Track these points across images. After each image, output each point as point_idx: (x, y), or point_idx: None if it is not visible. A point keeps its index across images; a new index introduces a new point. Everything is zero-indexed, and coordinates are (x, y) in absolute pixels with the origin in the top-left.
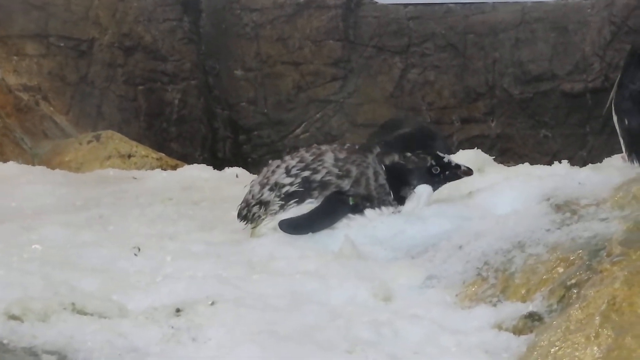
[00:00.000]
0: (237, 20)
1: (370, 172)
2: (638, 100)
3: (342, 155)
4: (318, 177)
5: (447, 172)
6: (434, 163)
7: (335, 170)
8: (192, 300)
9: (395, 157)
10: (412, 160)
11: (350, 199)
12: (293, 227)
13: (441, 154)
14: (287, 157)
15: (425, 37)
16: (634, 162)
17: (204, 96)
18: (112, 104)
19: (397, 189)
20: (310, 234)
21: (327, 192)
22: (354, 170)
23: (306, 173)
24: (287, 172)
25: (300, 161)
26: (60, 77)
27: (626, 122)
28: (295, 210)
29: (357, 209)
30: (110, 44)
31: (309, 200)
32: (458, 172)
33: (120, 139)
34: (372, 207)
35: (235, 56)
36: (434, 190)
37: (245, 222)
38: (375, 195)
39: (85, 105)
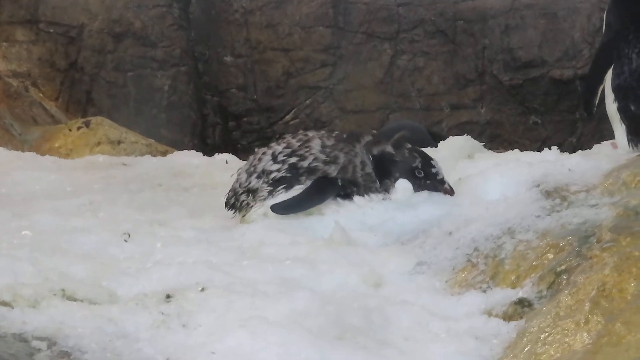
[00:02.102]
0: (226, 6)
1: (357, 161)
2: (639, 84)
3: (329, 142)
4: (305, 163)
5: (429, 182)
6: (419, 166)
7: (323, 157)
8: (182, 287)
9: (387, 147)
10: (402, 153)
11: (339, 180)
12: (284, 208)
13: (434, 163)
14: (273, 144)
15: (414, 23)
16: (634, 146)
17: (193, 82)
18: (101, 90)
19: (382, 178)
20: (300, 220)
21: (314, 177)
22: (342, 157)
23: (293, 159)
24: (274, 158)
25: (287, 147)
26: (50, 64)
27: (632, 108)
28: (284, 196)
29: (346, 193)
30: (100, 30)
31: (297, 186)
32: (439, 187)
33: (109, 125)
34: (359, 193)
35: (225, 42)
36: (414, 191)
37: (233, 211)
38: (362, 183)
39: (74, 91)
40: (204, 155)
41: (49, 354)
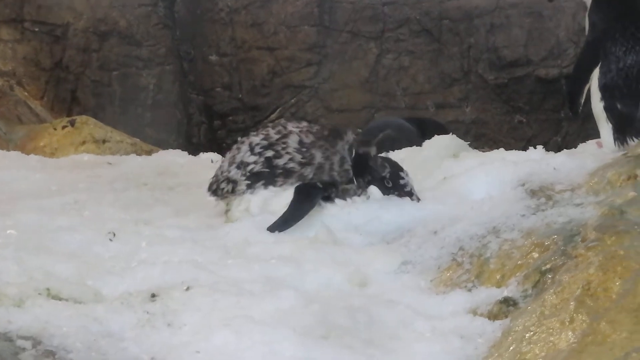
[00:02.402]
0: (212, 5)
1: (335, 159)
2: (627, 83)
3: (308, 140)
4: (281, 162)
5: (396, 192)
6: (388, 176)
7: (299, 157)
8: (167, 286)
9: (364, 150)
10: (375, 160)
11: (318, 183)
12: (281, 225)
13: (403, 175)
14: (252, 134)
15: (400, 22)
16: (620, 145)
17: (178, 81)
18: (86, 89)
19: (357, 177)
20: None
21: (290, 180)
22: (318, 157)
23: (269, 153)
24: (251, 150)
25: (264, 139)
26: (35, 62)
27: (619, 107)
28: (263, 193)
29: (328, 195)
30: (85, 29)
31: (272, 187)
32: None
33: (95, 124)
34: (338, 195)
35: (210, 41)
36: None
37: (215, 198)
38: (339, 180)
39: (59, 90)
40: (189, 154)
41: (34, 353)
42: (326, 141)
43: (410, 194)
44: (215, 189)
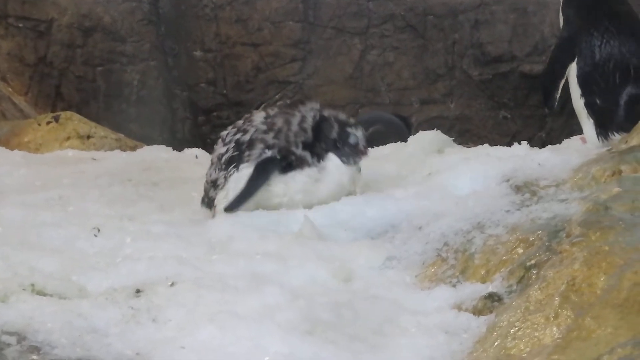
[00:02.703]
0: (196, 1)
1: (295, 119)
2: (611, 78)
3: (272, 112)
4: (247, 137)
5: (349, 150)
6: (337, 137)
7: (263, 127)
8: (151, 281)
9: (338, 115)
10: (327, 124)
11: (277, 155)
12: (234, 204)
13: (349, 130)
14: (223, 132)
15: (384, 18)
16: (603, 140)
17: (163, 77)
18: (71, 85)
19: (316, 142)
20: (270, 214)
21: (254, 151)
22: (279, 122)
23: (237, 136)
24: (223, 141)
25: (233, 127)
26: (19, 58)
27: (598, 102)
28: (236, 177)
29: (287, 164)
30: (69, 24)
31: (242, 165)
32: (357, 154)
33: (79, 119)
34: (296, 163)
35: (195, 37)
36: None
37: (209, 209)
38: (295, 140)
39: (44, 86)
40: (173, 149)
41: (19, 349)
42: (289, 108)
43: (363, 153)
44: (207, 201)
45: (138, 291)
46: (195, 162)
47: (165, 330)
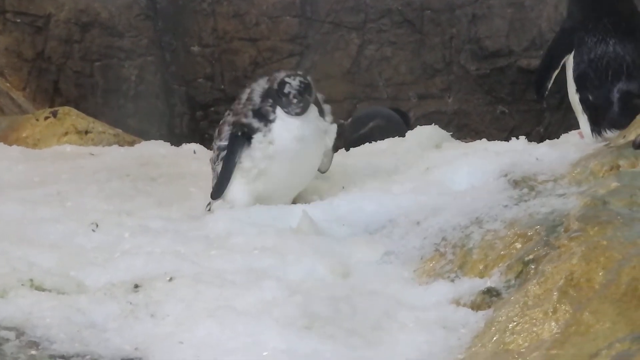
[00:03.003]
0: None
1: (244, 94)
2: (604, 74)
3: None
4: (228, 119)
5: (283, 99)
6: (276, 88)
7: (228, 112)
8: (150, 276)
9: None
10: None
11: (235, 129)
12: (216, 191)
13: (289, 80)
14: None
15: (382, 13)
16: (597, 136)
17: (160, 72)
18: (69, 80)
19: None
20: (268, 210)
21: (223, 135)
22: (241, 96)
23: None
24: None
25: (228, 113)
26: (17, 53)
27: (590, 98)
28: (219, 165)
29: (245, 135)
30: (67, 20)
31: (219, 143)
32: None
33: (77, 115)
34: (249, 131)
35: (192, 32)
36: (292, 114)
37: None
38: (242, 111)
39: (42, 81)
40: (171, 145)
41: (17, 344)
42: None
43: (296, 103)
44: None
45: (136, 286)
46: (193, 157)
47: (163, 326)
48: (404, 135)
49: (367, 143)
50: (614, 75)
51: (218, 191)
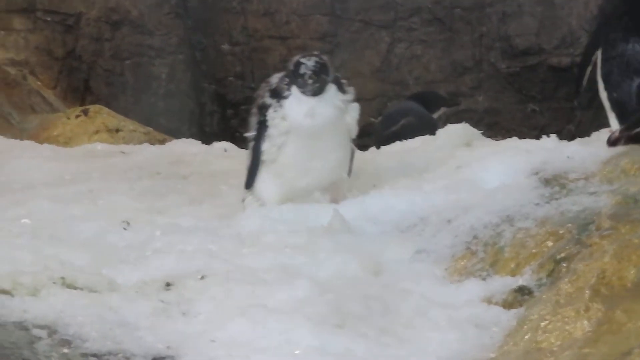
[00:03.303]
0: None
1: (266, 84)
2: (625, 72)
3: None
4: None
5: (299, 80)
6: (292, 68)
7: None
8: (181, 275)
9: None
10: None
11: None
12: (247, 182)
13: (305, 60)
14: None
15: (412, 11)
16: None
17: (191, 71)
18: (99, 79)
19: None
20: (299, 208)
21: (252, 119)
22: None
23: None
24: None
25: None
26: (48, 52)
27: (614, 95)
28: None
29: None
30: (98, 18)
31: (247, 135)
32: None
33: (108, 113)
34: (266, 106)
35: (222, 30)
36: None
37: None
38: (261, 95)
39: (72, 79)
40: (202, 143)
41: (50, 342)
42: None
43: (311, 84)
44: None
45: (168, 284)
46: (224, 155)
47: (195, 324)
48: (434, 133)
49: (398, 141)
50: (635, 72)
51: (249, 180)
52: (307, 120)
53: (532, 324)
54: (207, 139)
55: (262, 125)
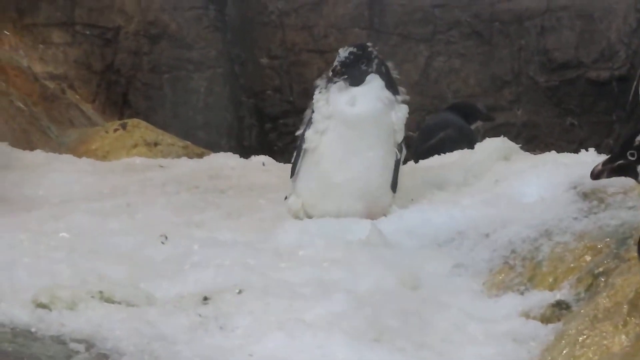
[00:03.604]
0: (262, 8)
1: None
2: None
3: None
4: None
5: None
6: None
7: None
8: (219, 289)
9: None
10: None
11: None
12: (292, 170)
13: (340, 51)
14: None
15: (450, 24)
16: None
17: (229, 84)
18: (138, 92)
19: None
20: (336, 222)
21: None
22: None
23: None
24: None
25: None
26: (86, 66)
27: None
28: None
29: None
30: (136, 32)
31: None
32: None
33: (146, 127)
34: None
35: (261, 44)
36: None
37: None
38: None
39: (111, 93)
40: (240, 157)
41: (87, 356)
42: None
43: (335, 74)
44: None
45: (206, 299)
46: (263, 169)
47: (233, 338)
48: (473, 145)
49: (436, 154)
50: None
51: (293, 168)
52: (348, 108)
53: (569, 339)
54: (245, 153)
55: (311, 113)
